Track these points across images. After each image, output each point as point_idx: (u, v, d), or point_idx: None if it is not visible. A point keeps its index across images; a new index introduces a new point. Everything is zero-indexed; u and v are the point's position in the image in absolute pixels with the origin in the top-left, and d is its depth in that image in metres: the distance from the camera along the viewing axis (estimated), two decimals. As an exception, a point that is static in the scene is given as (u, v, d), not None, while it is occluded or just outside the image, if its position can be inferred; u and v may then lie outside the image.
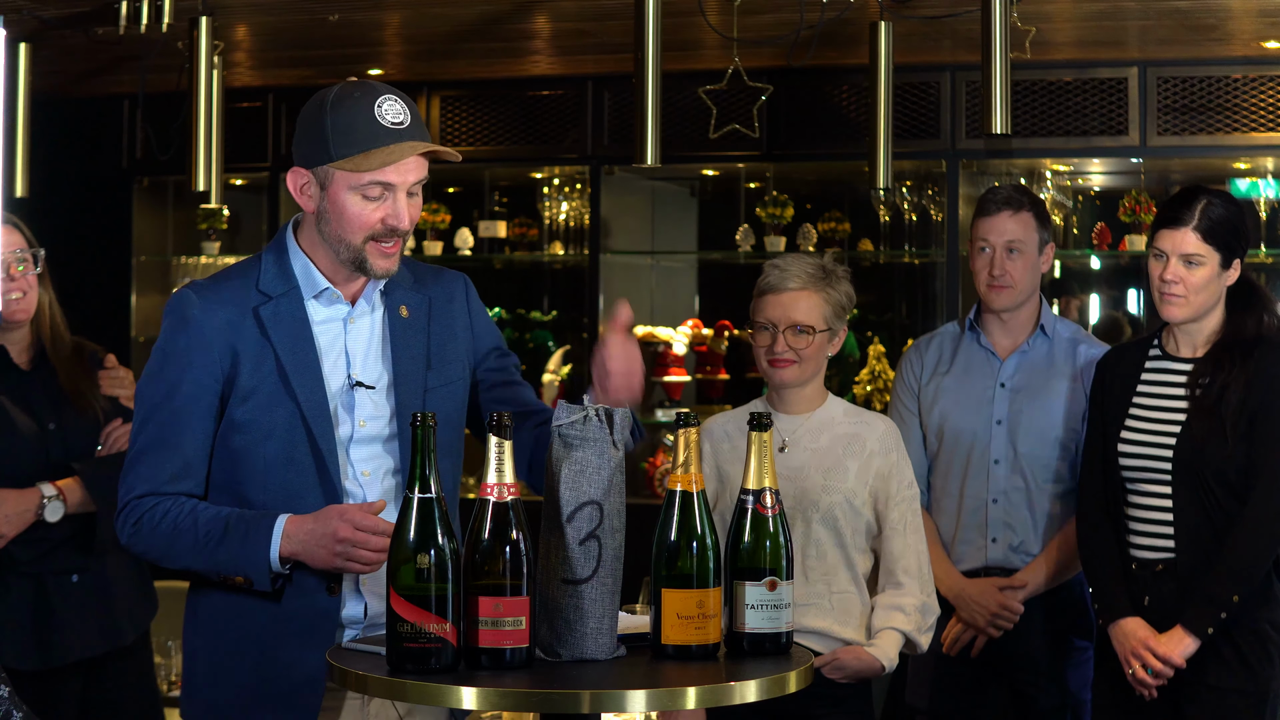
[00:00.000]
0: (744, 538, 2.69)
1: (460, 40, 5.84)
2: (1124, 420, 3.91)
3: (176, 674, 4.92)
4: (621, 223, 6.78)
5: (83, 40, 5.44)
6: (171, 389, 2.94)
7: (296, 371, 2.93)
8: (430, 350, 3.03)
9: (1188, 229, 3.81)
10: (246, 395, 2.93)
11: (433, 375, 3.01)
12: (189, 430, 2.93)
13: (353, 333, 2.99)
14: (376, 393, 2.97)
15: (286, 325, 2.95)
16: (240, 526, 2.86)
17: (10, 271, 3.87)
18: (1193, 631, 3.76)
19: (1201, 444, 3.78)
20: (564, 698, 2.42)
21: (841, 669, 3.63)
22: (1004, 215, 4.27)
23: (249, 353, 2.93)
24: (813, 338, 3.67)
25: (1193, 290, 3.82)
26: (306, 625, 2.89)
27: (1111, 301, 7.08)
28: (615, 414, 2.61)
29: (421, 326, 3.04)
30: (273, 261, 3.01)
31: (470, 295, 3.16)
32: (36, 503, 3.85)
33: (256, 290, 2.98)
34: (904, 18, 4.85)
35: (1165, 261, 3.83)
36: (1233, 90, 5.84)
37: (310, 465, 2.91)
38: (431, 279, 3.13)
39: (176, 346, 2.95)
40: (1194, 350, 3.90)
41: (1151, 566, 3.85)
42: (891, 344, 6.58)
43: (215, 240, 7.05)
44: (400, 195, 2.91)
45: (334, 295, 2.99)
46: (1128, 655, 3.82)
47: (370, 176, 2.89)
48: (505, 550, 2.50)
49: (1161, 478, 3.83)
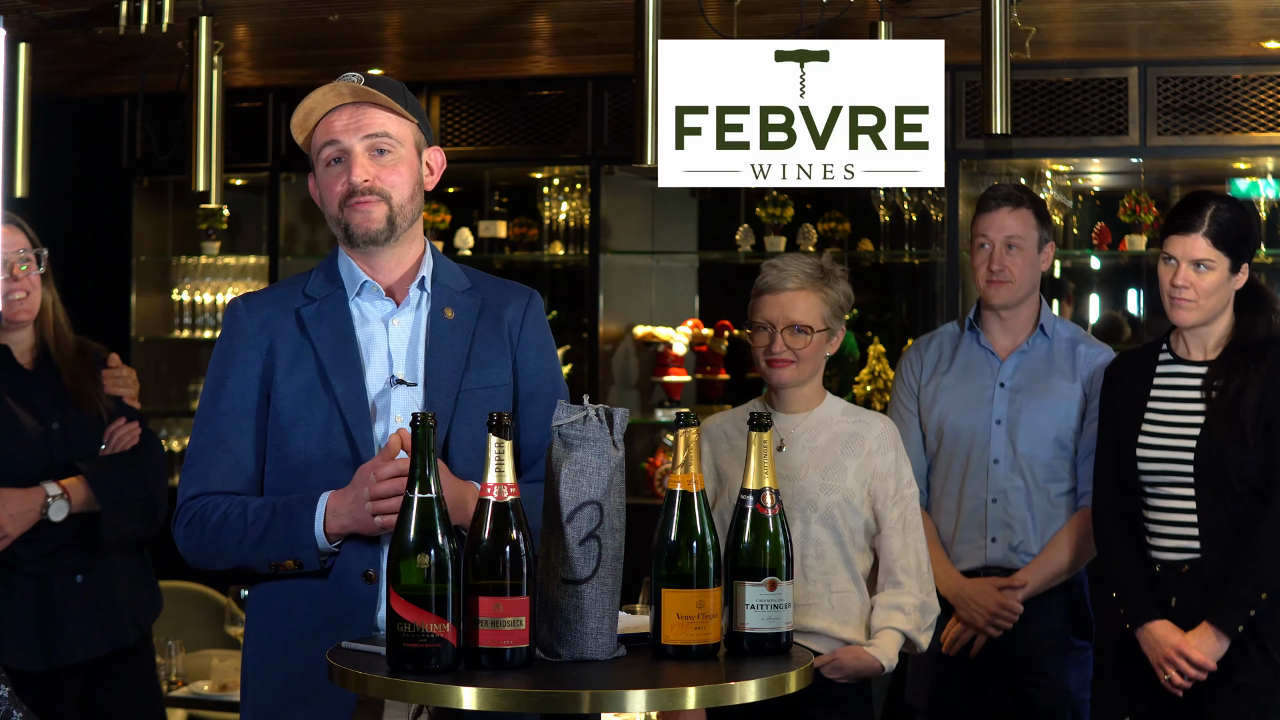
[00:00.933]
0: (744, 538, 2.69)
1: (460, 40, 5.84)
2: (1140, 425, 3.92)
3: (177, 674, 4.93)
4: (621, 223, 6.79)
5: (83, 40, 5.44)
6: (218, 390, 3.00)
7: (335, 369, 2.96)
8: (472, 351, 3.02)
9: (1197, 234, 3.83)
10: (286, 392, 2.96)
11: (471, 376, 3.00)
12: (236, 429, 2.98)
13: (394, 332, 3.01)
14: (415, 390, 2.98)
15: (328, 324, 2.99)
16: (285, 511, 2.90)
17: (14, 271, 3.87)
18: (1223, 631, 3.77)
19: (1221, 447, 3.80)
20: (564, 698, 2.42)
21: (841, 669, 3.63)
22: (1004, 211, 4.29)
23: (287, 349, 2.98)
24: (811, 337, 3.68)
25: (1203, 295, 3.84)
26: (345, 617, 2.90)
27: (1111, 301, 7.08)
28: (615, 414, 2.61)
29: (467, 328, 3.03)
30: (322, 269, 3.07)
31: (530, 310, 3.10)
32: (41, 502, 3.85)
33: (303, 294, 3.03)
34: (904, 18, 4.85)
35: (1175, 267, 3.85)
36: (1233, 90, 5.84)
37: (348, 462, 2.93)
38: (491, 285, 3.12)
39: (223, 350, 3.03)
40: (1205, 353, 3.92)
41: (1177, 568, 3.86)
42: (891, 344, 6.58)
43: (215, 240, 7.05)
44: (356, 154, 2.94)
45: (374, 290, 3.01)
46: (1160, 661, 3.83)
47: (320, 140, 2.97)
48: (505, 550, 2.50)
49: (1183, 480, 3.85)
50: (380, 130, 2.96)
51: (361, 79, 2.96)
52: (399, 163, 2.98)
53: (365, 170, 2.94)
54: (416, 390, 2.97)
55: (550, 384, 3.09)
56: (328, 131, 2.96)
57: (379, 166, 2.95)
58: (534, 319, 3.10)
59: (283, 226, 6.89)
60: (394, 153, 2.97)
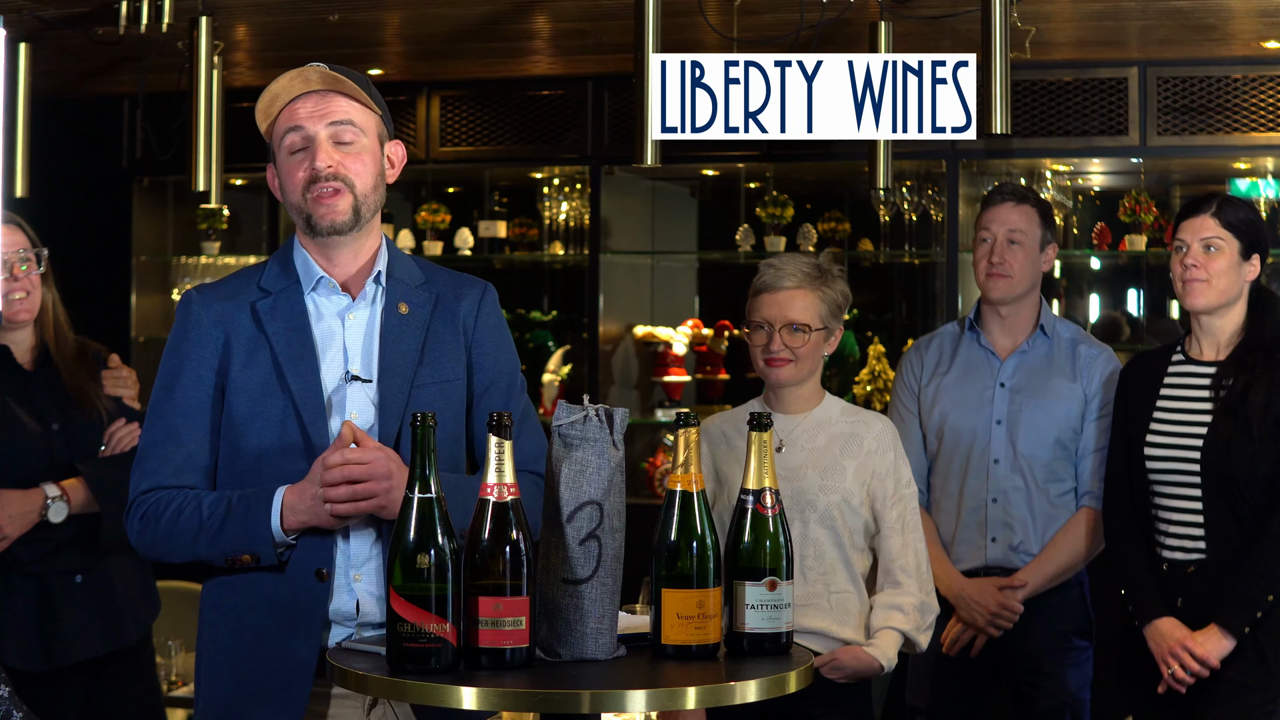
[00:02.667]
0: (744, 538, 2.69)
1: (460, 40, 5.84)
2: (1149, 424, 3.93)
3: (177, 674, 4.93)
4: (621, 223, 6.78)
5: (83, 40, 5.44)
6: (171, 383, 2.98)
7: (291, 363, 2.95)
8: (426, 346, 3.01)
9: (1206, 215, 3.90)
10: (241, 387, 2.95)
11: (425, 371, 2.99)
12: (190, 423, 2.96)
13: (350, 327, 3.00)
14: (370, 386, 2.97)
15: (283, 318, 2.98)
16: (242, 506, 2.88)
17: (14, 271, 3.87)
18: (1229, 631, 3.78)
19: (1227, 445, 3.82)
20: (564, 698, 2.42)
21: (840, 669, 3.63)
22: (1007, 206, 4.32)
23: (242, 344, 2.96)
24: (808, 336, 3.68)
25: (1214, 275, 3.88)
26: (296, 614, 2.89)
27: (1111, 301, 7.08)
28: (615, 414, 2.61)
29: (421, 322, 3.02)
30: (277, 261, 3.05)
31: (484, 303, 3.10)
32: (41, 503, 3.85)
33: (257, 287, 3.01)
34: (904, 18, 4.85)
35: (1185, 250, 3.89)
36: (1233, 90, 5.84)
37: (302, 457, 2.91)
38: (446, 279, 3.11)
39: (176, 343, 3.01)
40: (1217, 353, 3.94)
41: (1183, 568, 3.87)
42: (891, 344, 6.58)
43: (215, 240, 7.05)
44: (320, 141, 2.93)
45: (331, 285, 3.00)
46: (1165, 655, 3.84)
47: (282, 126, 2.96)
48: (505, 550, 2.50)
49: (1190, 479, 3.86)
50: (345, 118, 2.95)
51: (324, 67, 2.96)
52: (362, 152, 2.97)
53: (329, 157, 2.93)
54: (371, 386, 2.96)
55: (507, 375, 3.09)
56: (292, 117, 2.95)
57: (343, 154, 2.95)
58: (488, 312, 3.10)
59: (282, 226, 6.88)
60: (357, 142, 2.97)
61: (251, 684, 2.91)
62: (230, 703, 2.94)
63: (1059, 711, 4.29)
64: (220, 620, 2.98)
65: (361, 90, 2.97)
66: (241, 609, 2.94)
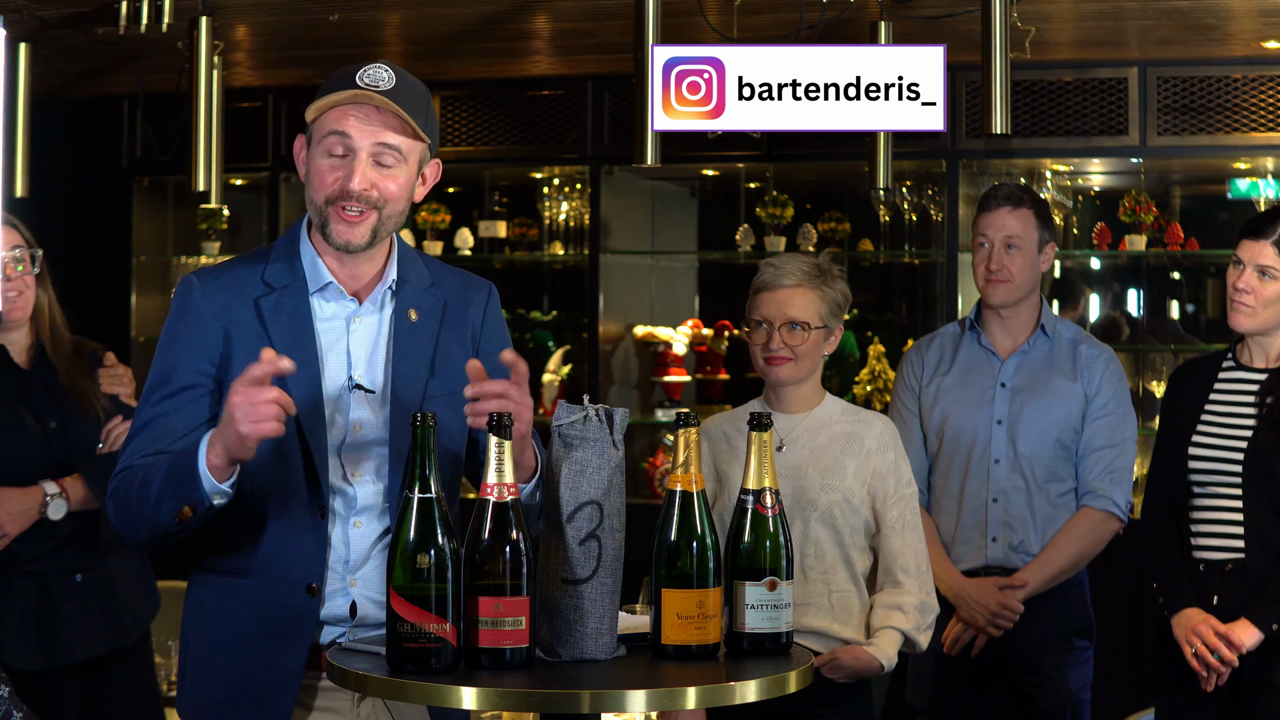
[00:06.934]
0: (744, 538, 2.69)
1: (460, 40, 5.84)
2: (1195, 426, 3.94)
3: (176, 674, 4.92)
4: (621, 223, 6.79)
5: (83, 40, 5.45)
6: (169, 372, 2.90)
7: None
8: (436, 357, 2.95)
9: (1267, 242, 3.88)
10: None
11: (435, 383, 2.93)
12: (182, 413, 2.87)
13: (356, 332, 2.94)
14: (374, 397, 2.92)
15: (287, 318, 2.90)
16: (179, 459, 2.78)
17: (7, 271, 3.88)
18: (1257, 624, 3.78)
19: (1268, 456, 3.82)
20: (564, 698, 2.42)
21: (840, 668, 3.63)
22: (1004, 211, 4.31)
23: (243, 341, 2.88)
24: (808, 334, 3.68)
25: (1261, 304, 3.88)
26: (285, 625, 2.85)
27: (1111, 301, 7.08)
28: (615, 414, 2.61)
29: (430, 331, 2.97)
30: (282, 253, 2.96)
31: (490, 307, 3.07)
32: (40, 501, 3.85)
33: (261, 281, 2.93)
34: (904, 18, 4.85)
35: (1241, 270, 3.90)
36: (1233, 90, 5.84)
37: (299, 462, 2.86)
38: (453, 282, 3.05)
39: (175, 331, 2.92)
40: (1266, 361, 3.95)
41: (1220, 567, 3.87)
42: (891, 344, 6.58)
43: (215, 240, 7.05)
44: (360, 158, 2.85)
45: (337, 290, 2.93)
46: (1188, 635, 3.82)
47: (330, 124, 2.85)
48: (505, 550, 2.50)
49: (1232, 481, 3.86)
50: (392, 144, 2.87)
51: (391, 76, 2.86)
52: (399, 174, 2.89)
53: (365, 179, 2.85)
54: (375, 396, 2.90)
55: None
56: (341, 120, 2.85)
57: (379, 174, 2.87)
58: (493, 316, 3.07)
59: (283, 226, 6.88)
60: (397, 166, 2.89)
61: (239, 691, 2.88)
62: (215, 707, 2.91)
63: (1059, 711, 4.29)
64: (205, 625, 2.94)
65: (418, 117, 2.88)
66: (225, 615, 2.89)
